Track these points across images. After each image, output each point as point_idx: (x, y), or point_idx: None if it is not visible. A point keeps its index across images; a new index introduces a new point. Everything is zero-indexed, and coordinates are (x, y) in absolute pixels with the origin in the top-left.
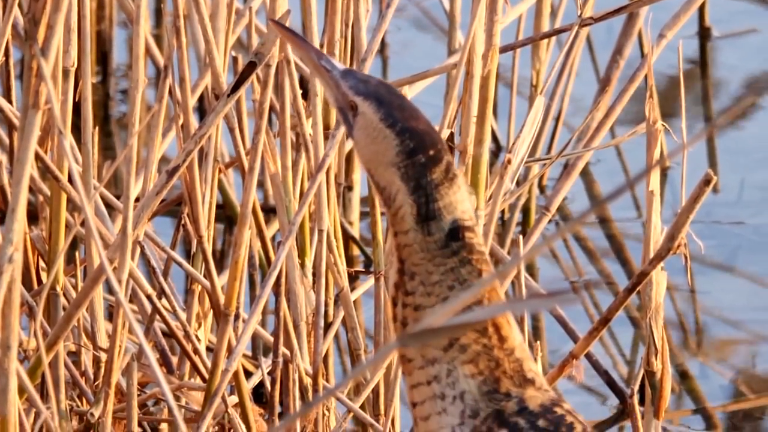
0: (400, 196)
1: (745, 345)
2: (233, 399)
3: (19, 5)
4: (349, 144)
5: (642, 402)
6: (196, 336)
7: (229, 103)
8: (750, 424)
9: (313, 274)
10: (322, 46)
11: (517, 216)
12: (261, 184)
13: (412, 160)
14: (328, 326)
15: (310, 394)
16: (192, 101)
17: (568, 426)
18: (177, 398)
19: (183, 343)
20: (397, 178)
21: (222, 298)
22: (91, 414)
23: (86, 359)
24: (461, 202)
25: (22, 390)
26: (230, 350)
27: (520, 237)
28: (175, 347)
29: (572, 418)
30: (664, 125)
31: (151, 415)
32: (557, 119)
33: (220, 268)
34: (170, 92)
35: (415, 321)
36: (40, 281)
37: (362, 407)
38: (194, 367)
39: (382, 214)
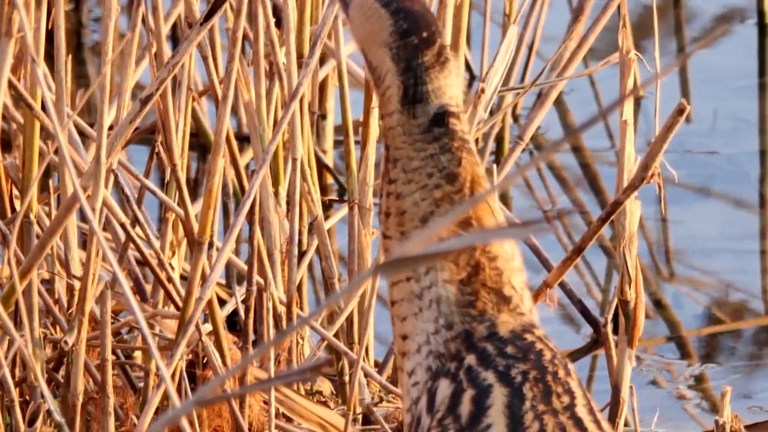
0: (389, 77)
1: (718, 273)
2: (207, 327)
3: None
4: (322, 72)
5: (616, 331)
6: (170, 264)
7: (203, 31)
8: (722, 351)
9: (287, 203)
10: None
11: (491, 145)
12: (235, 113)
13: (404, 41)
14: (301, 255)
15: (284, 322)
16: (165, 29)
17: (537, 353)
18: (151, 326)
19: (157, 271)
20: (388, 58)
21: (196, 227)
22: (65, 342)
23: (60, 287)
24: (450, 87)
25: None
26: (204, 279)
27: (494, 166)
28: (148, 275)
29: (542, 345)
30: (637, 55)
31: (124, 343)
32: (530, 48)
33: (193, 197)
34: (143, 20)
35: (398, 224)
36: (13, 209)
37: (336, 336)
38: (168, 296)
39: (356, 142)
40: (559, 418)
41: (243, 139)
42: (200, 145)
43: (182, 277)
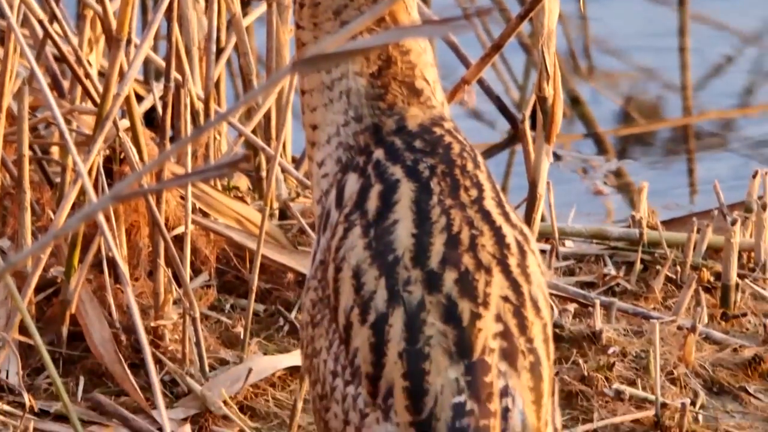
0: None
1: (636, 71)
2: (125, 123)
3: None
4: None
5: (533, 127)
6: (88, 61)
7: None
8: (639, 147)
9: (206, 0)
10: None
11: None
12: None
13: None
14: (220, 51)
15: (201, 118)
16: None
17: (446, 146)
18: (68, 122)
19: (74, 67)
20: None
21: (114, 23)
22: None
23: None
24: None
25: None
26: (122, 75)
27: None
28: (66, 72)
29: (451, 138)
30: None
31: (42, 138)
32: None
33: None
34: None
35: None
36: None
37: (254, 132)
38: (86, 92)
39: None
40: (466, 211)
41: None
42: None
43: (100, 74)
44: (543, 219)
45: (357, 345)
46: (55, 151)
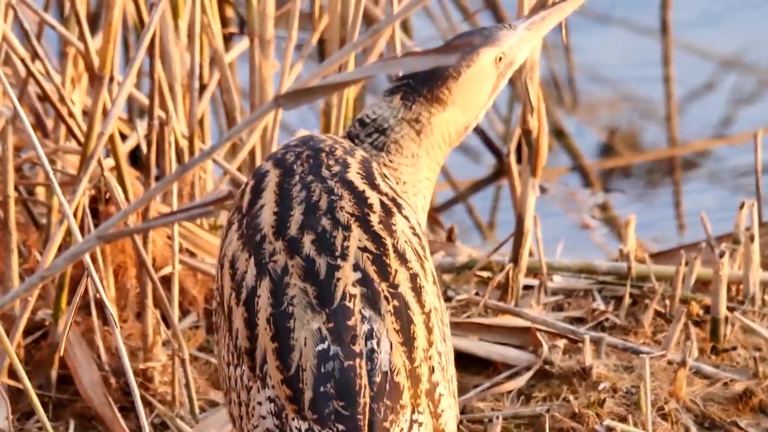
0: None
1: (620, 102)
2: (109, 162)
3: None
4: None
5: (519, 160)
6: (71, 99)
7: None
8: (625, 180)
9: (188, 36)
10: None
11: None
12: None
13: None
14: (203, 88)
15: (186, 156)
16: None
17: (317, 140)
18: (53, 162)
19: (58, 106)
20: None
21: (96, 61)
22: None
23: None
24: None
25: None
26: (105, 113)
27: None
28: (50, 111)
29: (330, 141)
30: None
31: (27, 179)
32: None
33: (93, 31)
34: None
35: None
36: None
37: (239, 169)
38: (69, 131)
39: None
40: (327, 183)
41: None
42: None
43: (84, 112)
44: (531, 254)
45: (236, 326)
46: (40, 191)
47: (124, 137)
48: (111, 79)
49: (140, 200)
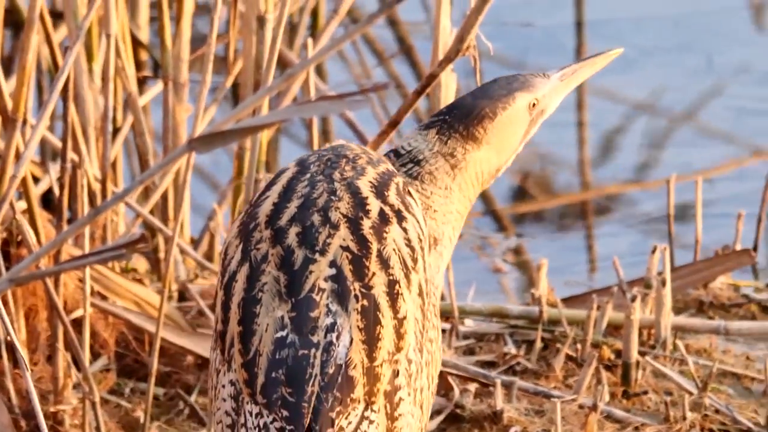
0: None
1: (532, 146)
2: (21, 205)
3: None
4: None
5: None
6: None
7: None
8: (538, 224)
9: (102, 79)
10: None
11: (307, 19)
12: None
13: None
14: (116, 131)
15: (98, 199)
16: None
17: (343, 147)
18: None
19: None
20: None
21: (9, 104)
22: None
23: None
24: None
25: None
26: (18, 156)
27: (309, 40)
28: None
29: (358, 149)
30: None
31: None
32: None
33: (7, 74)
34: None
35: None
36: None
37: (151, 212)
38: None
39: (171, 18)
40: (333, 184)
41: (57, 16)
42: (13, 21)
43: None
44: (443, 298)
45: (216, 310)
46: None
47: (36, 180)
48: (24, 121)
49: (52, 243)
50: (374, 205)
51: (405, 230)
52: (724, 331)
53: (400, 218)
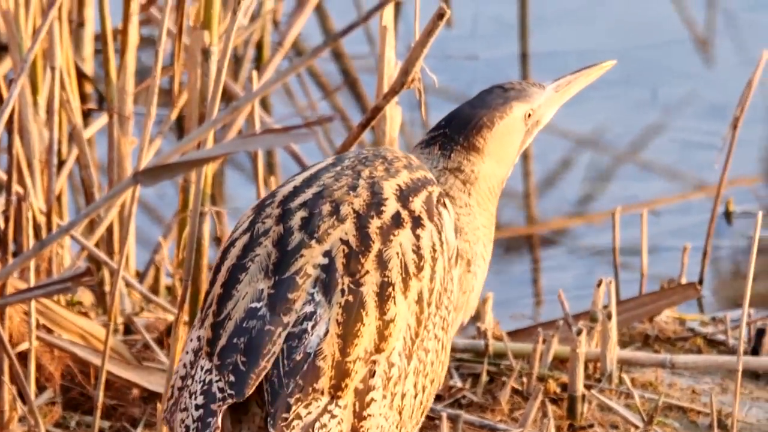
0: None
1: None
2: None
3: None
4: None
5: None
6: None
7: None
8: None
9: (47, 112)
10: None
11: (251, 52)
12: None
13: None
14: (61, 164)
15: (44, 232)
16: None
17: (386, 149)
18: None
19: None
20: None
21: None
22: None
23: None
24: None
25: None
26: None
27: (254, 73)
28: None
29: (399, 153)
30: None
31: None
32: None
33: None
34: None
35: None
36: None
37: (96, 245)
38: None
39: (115, 50)
40: (357, 180)
41: (1, 48)
42: None
43: None
44: None
45: (212, 272)
46: None
47: None
48: None
49: None
50: (391, 207)
51: (418, 237)
52: (669, 365)
53: (417, 224)
